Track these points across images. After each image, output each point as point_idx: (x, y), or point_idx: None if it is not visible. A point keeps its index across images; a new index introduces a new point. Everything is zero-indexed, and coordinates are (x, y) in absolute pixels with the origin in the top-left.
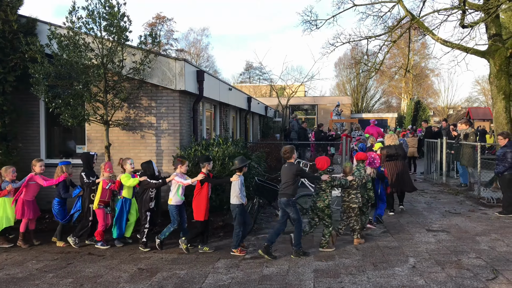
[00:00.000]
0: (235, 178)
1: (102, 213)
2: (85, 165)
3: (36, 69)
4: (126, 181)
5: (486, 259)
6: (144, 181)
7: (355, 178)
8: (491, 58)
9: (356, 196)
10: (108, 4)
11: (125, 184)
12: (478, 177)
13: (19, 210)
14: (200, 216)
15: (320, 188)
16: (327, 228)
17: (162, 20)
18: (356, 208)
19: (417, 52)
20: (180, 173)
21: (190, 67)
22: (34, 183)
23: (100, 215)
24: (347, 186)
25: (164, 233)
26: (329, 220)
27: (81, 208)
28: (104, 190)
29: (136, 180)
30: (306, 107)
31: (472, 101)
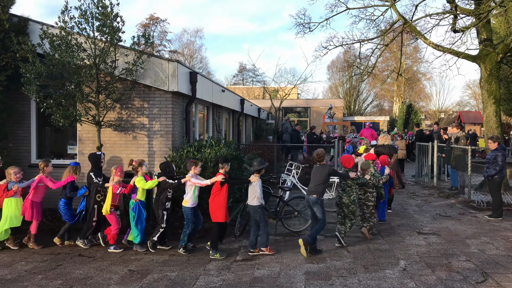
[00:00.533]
0: (255, 179)
1: (115, 217)
2: (93, 165)
3: (27, 69)
4: (144, 184)
5: (476, 262)
6: (162, 181)
7: (371, 177)
8: (482, 63)
9: (372, 195)
10: (101, 4)
11: (143, 187)
12: (469, 181)
13: (28, 211)
14: (220, 217)
15: (346, 184)
16: (350, 221)
17: (156, 21)
18: (371, 206)
19: (409, 56)
20: (194, 175)
21: (183, 68)
22: (42, 185)
23: (113, 219)
24: (365, 184)
25: (183, 239)
26: (352, 215)
27: (85, 208)
28: (114, 194)
29: (155, 182)
30: (299, 110)
31: (463, 105)
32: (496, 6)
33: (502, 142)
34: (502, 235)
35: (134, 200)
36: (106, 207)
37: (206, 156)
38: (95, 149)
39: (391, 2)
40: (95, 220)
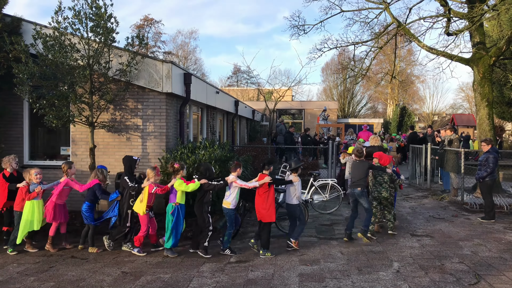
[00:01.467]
0: (296, 179)
1: (147, 219)
2: (127, 169)
3: (20, 69)
4: (187, 187)
5: (468, 264)
6: (205, 184)
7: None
8: (475, 66)
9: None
10: (95, 5)
11: (186, 190)
12: (462, 183)
13: (50, 213)
14: (271, 217)
15: (383, 180)
16: (389, 214)
17: (150, 22)
18: (389, 198)
19: (403, 58)
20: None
21: (177, 70)
22: (68, 188)
23: (145, 221)
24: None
25: (228, 241)
26: (391, 206)
27: (118, 213)
28: (150, 194)
29: (197, 184)
30: (293, 112)
31: (457, 108)
32: (489, 9)
33: (495, 145)
34: (495, 237)
35: (174, 204)
36: (142, 207)
37: (200, 158)
38: (88, 150)
39: (385, 5)
40: (128, 226)
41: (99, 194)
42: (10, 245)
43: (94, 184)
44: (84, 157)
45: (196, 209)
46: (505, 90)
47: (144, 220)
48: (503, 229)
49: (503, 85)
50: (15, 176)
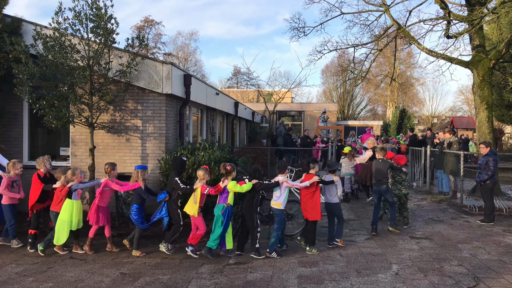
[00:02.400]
0: (337, 178)
1: (202, 219)
2: (178, 170)
3: (20, 70)
4: (241, 188)
5: (468, 266)
6: (257, 184)
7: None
8: (474, 69)
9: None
10: (95, 6)
11: (240, 191)
12: (461, 185)
13: (93, 216)
14: (317, 215)
15: (401, 178)
16: (406, 211)
17: (151, 24)
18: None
19: (403, 61)
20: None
21: (177, 71)
22: (108, 189)
23: (201, 221)
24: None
25: (275, 243)
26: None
27: (167, 213)
28: (202, 195)
29: (250, 185)
30: (293, 113)
31: (456, 111)
32: (488, 12)
33: (494, 148)
34: (494, 240)
35: (225, 204)
36: (195, 209)
37: (199, 159)
38: (87, 151)
39: (385, 8)
40: (181, 225)
41: (146, 196)
42: (45, 244)
43: (137, 187)
44: (83, 157)
45: (246, 211)
46: (504, 93)
47: (200, 221)
48: (502, 232)
49: (503, 88)
50: (47, 177)
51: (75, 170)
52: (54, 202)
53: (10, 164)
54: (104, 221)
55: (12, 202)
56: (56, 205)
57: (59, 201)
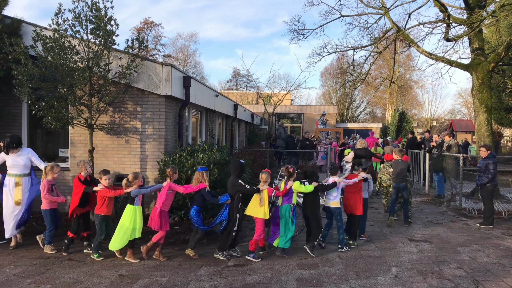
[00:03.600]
0: (369, 175)
1: (263, 222)
2: (238, 173)
3: (19, 71)
4: (306, 188)
5: (467, 269)
6: (319, 185)
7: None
8: (474, 72)
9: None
10: (95, 7)
11: (305, 191)
12: (460, 188)
13: (156, 221)
14: (360, 211)
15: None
16: (410, 205)
17: (150, 25)
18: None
19: (402, 63)
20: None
21: (177, 73)
22: (171, 192)
23: (262, 224)
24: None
25: (343, 239)
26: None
27: (227, 217)
28: (269, 197)
29: (312, 186)
30: (292, 116)
31: (455, 113)
32: (488, 16)
33: (493, 151)
34: (493, 243)
35: (291, 204)
36: (263, 211)
37: (198, 161)
38: (87, 152)
39: (385, 10)
40: (235, 230)
41: (209, 198)
42: (95, 250)
43: (201, 188)
44: (82, 159)
45: (311, 212)
46: (503, 96)
47: (261, 224)
48: (501, 235)
49: (502, 91)
50: (88, 180)
51: (137, 174)
52: (97, 205)
53: (48, 168)
54: (167, 226)
55: (52, 207)
56: (100, 207)
57: (102, 203)
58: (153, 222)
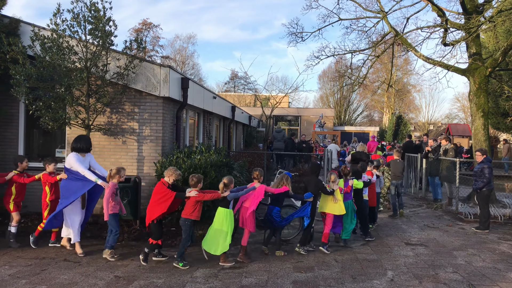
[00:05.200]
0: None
1: (333, 217)
2: (318, 173)
3: (17, 70)
4: (361, 184)
5: (462, 273)
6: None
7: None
8: (471, 76)
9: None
10: (93, 8)
11: (360, 187)
12: (457, 193)
13: (251, 221)
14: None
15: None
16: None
17: (149, 27)
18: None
19: (400, 67)
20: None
21: (175, 74)
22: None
23: (332, 219)
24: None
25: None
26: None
27: (309, 214)
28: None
29: (362, 183)
30: (290, 118)
31: (452, 118)
32: (485, 21)
33: (489, 155)
34: (489, 247)
35: (352, 200)
36: (339, 207)
37: (195, 163)
38: None
39: (383, 14)
40: (313, 227)
41: (296, 198)
42: (181, 258)
43: (286, 190)
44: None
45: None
46: (500, 101)
47: (332, 218)
48: (497, 240)
49: (499, 96)
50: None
51: (231, 178)
52: (188, 210)
53: (114, 171)
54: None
55: (116, 211)
56: (192, 212)
57: (195, 208)
58: (248, 223)
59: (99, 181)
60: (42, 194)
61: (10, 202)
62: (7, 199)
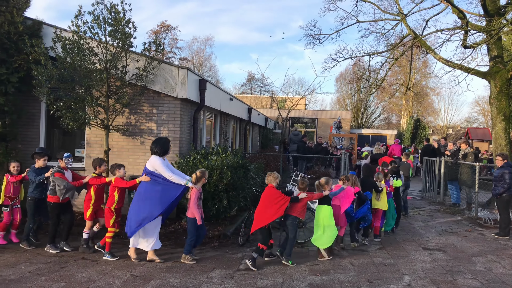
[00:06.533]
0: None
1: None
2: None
3: (39, 71)
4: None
5: (482, 280)
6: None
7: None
8: (492, 80)
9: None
10: (113, 10)
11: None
12: (476, 198)
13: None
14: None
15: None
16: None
17: (167, 28)
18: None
19: (419, 70)
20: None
21: (193, 76)
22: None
23: (381, 214)
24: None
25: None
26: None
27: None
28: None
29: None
30: (306, 120)
31: (472, 121)
32: (507, 23)
33: (510, 160)
34: (509, 254)
35: (392, 197)
36: (385, 203)
37: (212, 164)
38: (102, 153)
39: (402, 17)
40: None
41: (365, 197)
42: (290, 256)
43: (357, 191)
44: None
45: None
46: None
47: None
48: None
49: None
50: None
51: (328, 179)
52: (297, 210)
53: (198, 174)
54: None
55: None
56: (301, 212)
57: (303, 209)
58: (341, 220)
59: (189, 183)
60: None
61: (89, 207)
62: (87, 204)
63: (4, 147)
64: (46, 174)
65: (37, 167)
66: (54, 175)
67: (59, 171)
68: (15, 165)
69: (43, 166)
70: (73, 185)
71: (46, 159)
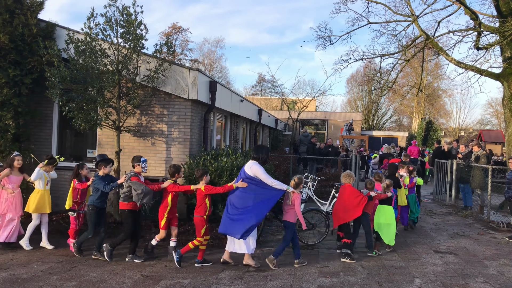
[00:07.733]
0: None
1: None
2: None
3: (52, 73)
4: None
5: (494, 284)
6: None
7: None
8: (505, 81)
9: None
10: (125, 12)
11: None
12: (489, 201)
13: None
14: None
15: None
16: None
17: (178, 30)
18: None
19: (430, 72)
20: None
21: (204, 77)
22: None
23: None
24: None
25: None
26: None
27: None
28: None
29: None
30: (317, 122)
31: (484, 124)
32: None
33: None
34: None
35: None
36: (403, 199)
37: (222, 165)
38: (113, 153)
39: (414, 18)
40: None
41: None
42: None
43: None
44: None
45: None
46: None
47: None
48: None
49: None
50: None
51: (391, 181)
52: (370, 206)
53: (296, 180)
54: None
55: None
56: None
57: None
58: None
59: (290, 189)
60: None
61: (163, 216)
62: (162, 211)
63: (18, 147)
64: (120, 180)
65: (101, 174)
66: (131, 179)
67: (135, 175)
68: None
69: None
70: (151, 189)
71: (111, 166)
